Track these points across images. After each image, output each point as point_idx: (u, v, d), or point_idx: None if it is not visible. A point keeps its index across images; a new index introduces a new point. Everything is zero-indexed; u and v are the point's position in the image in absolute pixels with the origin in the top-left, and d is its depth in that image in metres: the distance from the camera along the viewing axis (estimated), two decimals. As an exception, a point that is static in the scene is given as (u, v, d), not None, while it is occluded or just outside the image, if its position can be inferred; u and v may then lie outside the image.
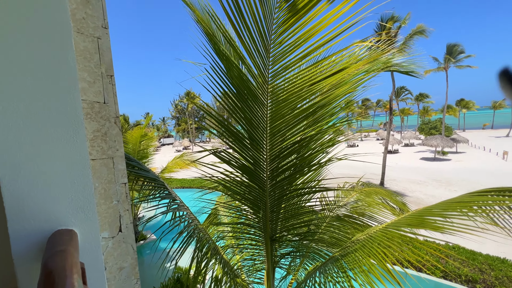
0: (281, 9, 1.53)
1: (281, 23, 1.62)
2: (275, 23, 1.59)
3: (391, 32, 13.20)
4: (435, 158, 26.43)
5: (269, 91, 1.89)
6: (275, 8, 1.52)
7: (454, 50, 28.64)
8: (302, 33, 1.66)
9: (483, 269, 5.86)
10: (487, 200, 1.62)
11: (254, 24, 1.57)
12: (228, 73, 1.86)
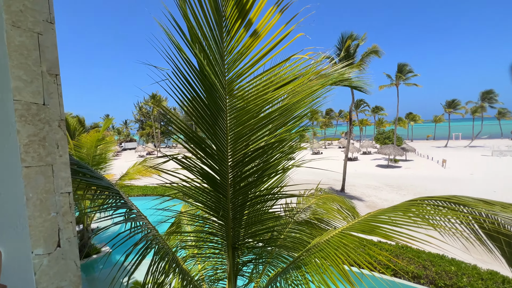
0: (227, 18, 1.59)
1: (228, 31, 1.68)
2: (224, 31, 1.65)
3: (351, 48, 14.43)
4: (388, 165, 29.05)
5: (227, 98, 1.91)
6: (222, 17, 1.57)
7: (404, 69, 32.22)
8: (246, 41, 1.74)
9: (426, 266, 6.54)
10: (423, 205, 1.84)
11: (209, 32, 1.61)
12: (191, 78, 1.84)
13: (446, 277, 6.11)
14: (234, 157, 2.16)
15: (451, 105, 47.81)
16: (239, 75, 1.89)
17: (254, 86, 1.98)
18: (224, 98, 1.90)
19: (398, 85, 33.58)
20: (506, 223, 1.66)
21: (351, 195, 17.49)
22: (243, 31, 1.67)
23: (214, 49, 1.69)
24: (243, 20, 1.61)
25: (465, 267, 6.47)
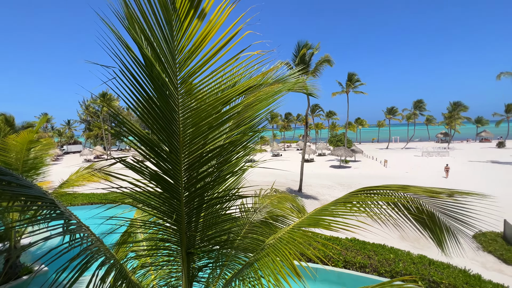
0: (177, 11, 1.58)
1: (178, 29, 1.67)
2: (175, 29, 1.63)
3: (306, 57, 15.40)
4: (340, 165, 31.56)
5: (179, 98, 1.88)
6: (171, 15, 1.56)
7: (353, 78, 35.51)
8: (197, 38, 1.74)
9: (370, 256, 7.28)
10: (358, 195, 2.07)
11: (158, 30, 1.57)
12: (140, 78, 1.76)
13: (386, 264, 6.89)
14: (189, 158, 2.12)
15: (391, 112, 54.39)
16: (192, 74, 1.86)
17: (208, 85, 1.98)
18: (176, 98, 1.86)
19: (348, 92, 36.84)
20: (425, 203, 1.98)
21: (308, 195, 18.50)
22: (194, 27, 1.65)
23: (165, 48, 1.65)
24: (194, 14, 1.59)
25: (401, 254, 7.39)
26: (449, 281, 6.16)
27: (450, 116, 50.99)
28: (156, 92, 1.77)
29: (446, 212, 1.93)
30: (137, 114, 1.91)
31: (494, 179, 21.25)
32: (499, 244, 9.12)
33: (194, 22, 1.63)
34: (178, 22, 1.59)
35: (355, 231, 1.85)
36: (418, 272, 6.53)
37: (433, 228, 1.98)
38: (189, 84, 1.85)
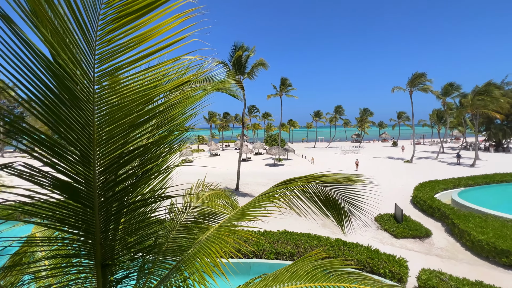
0: (110, 6, 1.43)
1: (111, 21, 1.52)
2: (102, 19, 1.47)
3: (242, 59, 15.81)
4: (274, 164, 33.65)
5: (96, 93, 1.68)
6: (101, 3, 1.40)
7: (285, 82, 38.33)
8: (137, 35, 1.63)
9: (298, 245, 8.05)
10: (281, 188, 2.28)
11: (71, 13, 1.37)
12: (37, 67, 1.47)
13: (311, 250, 7.76)
14: (105, 159, 1.90)
15: (317, 115, 61.33)
16: (118, 69, 1.68)
17: (136, 81, 1.82)
18: (91, 93, 1.64)
19: (281, 95, 39.58)
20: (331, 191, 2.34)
21: (245, 193, 19.01)
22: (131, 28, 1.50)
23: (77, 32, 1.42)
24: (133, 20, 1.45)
25: (322, 240, 8.44)
26: (357, 258, 7.40)
27: (361, 120, 61.07)
28: (60, 84, 1.52)
29: (345, 198, 2.33)
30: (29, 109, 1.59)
31: (388, 170, 26.59)
32: (392, 223, 11.49)
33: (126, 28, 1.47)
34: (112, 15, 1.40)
35: (285, 224, 2.03)
36: (335, 253, 7.61)
37: (336, 211, 2.36)
38: (112, 79, 1.66)
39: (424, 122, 61.06)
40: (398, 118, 63.64)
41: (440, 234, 11.01)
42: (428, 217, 13.05)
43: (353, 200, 2.39)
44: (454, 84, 31.65)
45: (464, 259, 9.03)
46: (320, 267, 1.97)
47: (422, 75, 29.58)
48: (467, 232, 9.59)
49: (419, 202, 14.21)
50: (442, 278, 6.49)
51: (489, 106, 27.46)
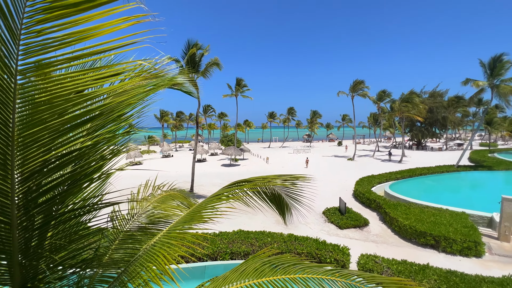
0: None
1: (42, 10, 1.33)
2: (30, 5, 1.28)
3: (196, 57, 15.37)
4: (230, 164, 33.60)
5: (18, 89, 1.45)
6: None
7: (240, 83, 38.63)
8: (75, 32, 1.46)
9: (252, 243, 8.22)
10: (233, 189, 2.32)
11: None
12: None
13: (265, 247, 8.01)
14: (28, 166, 1.64)
15: (271, 116, 63.45)
16: (49, 65, 1.48)
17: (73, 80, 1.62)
18: (11, 89, 1.40)
19: (237, 95, 39.77)
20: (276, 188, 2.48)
21: (200, 194, 18.50)
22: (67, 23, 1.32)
23: None
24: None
25: (276, 236, 8.79)
26: (307, 250, 7.93)
27: (311, 122, 65.49)
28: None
29: (288, 193, 2.50)
30: None
31: (334, 167, 29.18)
32: (337, 215, 12.65)
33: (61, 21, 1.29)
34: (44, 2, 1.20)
35: (241, 223, 2.06)
36: (287, 248, 8.01)
37: (279, 205, 2.51)
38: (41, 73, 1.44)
39: (364, 124, 69.04)
40: (342, 120, 70.33)
41: (375, 223, 12.57)
42: (366, 208, 14.78)
43: (296, 195, 2.58)
44: (386, 91, 36.49)
45: (394, 242, 10.51)
46: (268, 263, 2.07)
47: (361, 82, 33.30)
48: (395, 219, 11.18)
49: (359, 195, 15.97)
50: (376, 261, 7.43)
51: (411, 111, 32.55)
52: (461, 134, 74.75)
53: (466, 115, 49.43)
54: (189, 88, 2.55)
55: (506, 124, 47.49)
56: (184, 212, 3.44)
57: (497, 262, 8.82)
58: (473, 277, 6.63)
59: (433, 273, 6.78)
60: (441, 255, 9.31)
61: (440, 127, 48.19)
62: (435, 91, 48.87)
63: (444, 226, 10.02)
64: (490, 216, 11.45)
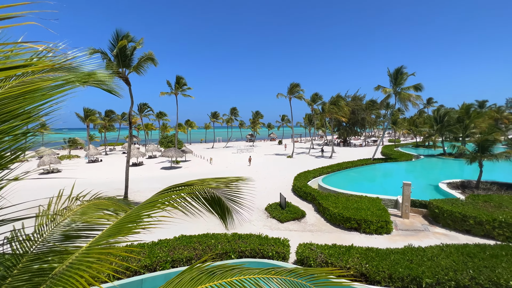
0: None
1: None
2: None
3: (127, 50, 13.83)
4: (171, 166, 31.65)
5: None
6: None
7: (181, 81, 36.78)
8: None
9: (195, 247, 7.95)
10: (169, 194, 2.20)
11: None
12: None
13: (209, 250, 7.86)
14: None
15: (214, 116, 62.57)
16: None
17: None
18: None
19: (177, 94, 37.70)
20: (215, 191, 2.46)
21: (136, 202, 16.61)
22: None
23: None
24: None
25: (220, 237, 8.72)
26: (251, 247, 8.15)
27: (253, 122, 67.43)
28: None
29: (227, 196, 2.53)
30: None
31: (275, 165, 30.86)
32: (278, 210, 13.41)
33: None
34: None
35: (183, 228, 1.94)
36: (231, 247, 8.06)
37: (219, 209, 2.52)
38: None
39: (300, 124, 75.07)
40: (281, 120, 74.79)
41: (311, 213, 13.85)
42: (304, 201, 16.13)
43: (236, 197, 2.62)
44: (318, 94, 40.54)
45: (326, 229, 11.79)
46: (205, 271, 2.04)
47: (297, 85, 36.11)
48: (327, 208, 12.57)
49: (297, 190, 17.31)
50: (312, 248, 8.20)
51: (339, 113, 37.12)
52: (376, 132, 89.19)
53: (378, 116, 59.26)
54: (111, 86, 2.20)
55: (405, 124, 59.01)
56: (112, 220, 3.07)
57: (401, 235, 10.90)
58: (384, 250, 8.02)
59: (356, 252, 7.90)
60: (362, 235, 10.93)
61: (360, 126, 56.45)
62: (356, 96, 57.01)
63: (364, 210, 11.79)
64: (396, 198, 14.06)
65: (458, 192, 15.39)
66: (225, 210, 2.58)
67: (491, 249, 7.88)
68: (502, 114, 54.69)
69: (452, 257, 7.46)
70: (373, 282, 7.03)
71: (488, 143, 15.81)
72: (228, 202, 2.58)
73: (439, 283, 6.72)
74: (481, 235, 10.53)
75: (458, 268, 6.93)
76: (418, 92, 28.71)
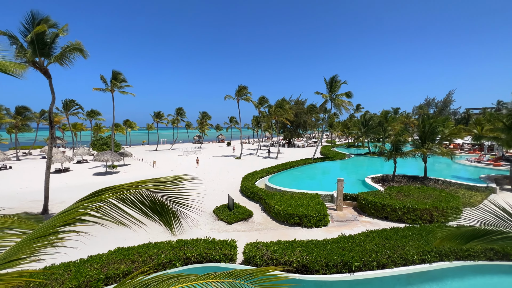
0: None
1: None
2: None
3: (47, 37, 11.68)
4: (107, 172, 28.19)
5: None
6: None
7: (118, 77, 33.14)
8: None
9: (134, 259, 7.30)
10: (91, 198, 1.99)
11: None
12: None
13: (150, 261, 7.32)
14: None
15: (158, 116, 58.46)
16: None
17: None
18: None
19: (113, 91, 33.82)
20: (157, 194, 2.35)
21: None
22: None
23: None
24: None
25: (163, 246, 8.21)
26: (197, 252, 7.93)
27: (201, 123, 65.64)
28: None
29: (172, 198, 2.44)
30: None
31: (224, 167, 30.73)
32: (226, 212, 13.39)
33: None
34: None
35: (120, 240, 1.74)
36: (176, 255, 7.68)
37: (163, 214, 2.41)
38: None
39: (248, 126, 76.59)
40: (230, 122, 74.95)
41: (258, 213, 14.28)
42: (251, 201, 16.52)
43: (182, 199, 2.53)
44: (265, 97, 42.12)
45: (272, 227, 12.34)
46: (139, 285, 1.92)
47: (245, 88, 36.77)
48: (273, 206, 13.18)
49: (245, 190, 17.62)
50: (258, 247, 8.48)
51: (284, 115, 39.33)
52: (316, 134, 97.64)
53: (318, 120, 65.15)
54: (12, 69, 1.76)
55: (340, 127, 66.48)
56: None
57: (336, 226, 12.23)
58: (322, 241, 8.88)
59: (298, 246, 8.52)
60: (304, 229, 11.84)
61: (303, 128, 60.99)
62: (299, 100, 61.42)
63: (305, 206, 12.80)
64: (332, 193, 15.71)
65: (379, 185, 18.15)
66: (170, 215, 2.47)
67: (402, 231, 9.56)
68: (409, 119, 66.81)
69: (374, 241, 8.76)
70: (312, 271, 7.70)
71: (399, 143, 19.12)
72: (174, 205, 2.48)
73: (365, 264, 7.80)
74: (396, 220, 12.66)
75: (379, 250, 8.19)
76: (349, 98, 32.75)
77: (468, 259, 8.24)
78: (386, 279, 7.66)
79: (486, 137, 21.40)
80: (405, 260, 8.01)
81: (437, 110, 79.59)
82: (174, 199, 2.63)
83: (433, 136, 18.66)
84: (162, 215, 2.65)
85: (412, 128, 55.49)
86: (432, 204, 12.39)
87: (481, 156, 33.57)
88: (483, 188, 16.78)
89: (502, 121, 19.35)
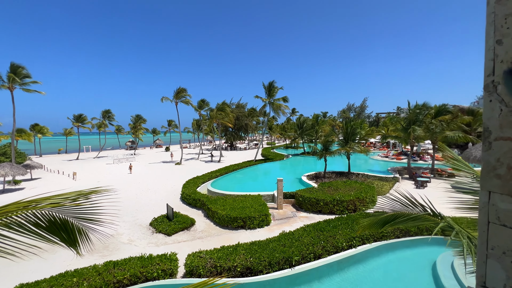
0: None
1: None
2: None
3: None
4: (4, 190, 22.47)
5: None
6: None
7: (19, 72, 26.96)
8: None
9: None
10: None
11: None
12: None
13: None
14: None
15: (79, 120, 50.12)
16: None
17: None
18: None
19: (12, 89, 27.29)
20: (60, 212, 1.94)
21: None
22: None
23: None
24: None
25: (86, 272, 6.97)
26: (130, 273, 7.04)
27: (134, 127, 59.42)
28: None
29: (78, 216, 2.06)
30: None
31: (162, 174, 28.53)
32: (165, 223, 12.40)
33: None
34: None
35: (27, 273, 1.27)
36: (104, 280, 6.65)
37: (69, 232, 2.01)
38: None
39: (189, 129, 73.36)
40: (168, 125, 70.33)
41: (201, 220, 13.74)
42: (193, 208, 15.79)
43: (92, 213, 2.16)
44: (205, 101, 41.16)
45: (216, 233, 12.05)
46: None
47: (184, 90, 35.16)
48: (216, 212, 12.90)
49: (186, 198, 16.74)
50: (200, 256, 8.12)
51: (225, 119, 39.28)
52: (257, 136, 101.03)
53: (258, 123, 67.64)
54: None
55: (278, 129, 70.62)
56: None
57: (277, 225, 12.81)
58: (265, 241, 9.15)
59: (242, 249, 8.54)
60: (248, 231, 11.98)
61: (244, 131, 62.20)
62: (240, 103, 62.47)
63: (248, 208, 12.98)
64: (273, 193, 16.43)
65: (313, 182, 19.99)
66: (75, 234, 2.05)
67: (333, 222, 10.72)
68: (336, 122, 76.28)
69: (311, 234, 9.54)
70: (257, 272, 7.83)
71: (328, 143, 21.54)
72: (80, 222, 2.07)
73: (303, 257, 8.40)
74: (328, 212, 14.13)
75: (315, 242, 8.95)
76: (286, 103, 35.14)
77: (382, 239, 9.83)
78: (321, 268, 8.43)
79: (391, 136, 26.21)
80: (336, 248, 9.00)
81: (356, 114, 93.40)
82: (80, 216, 2.25)
83: (353, 136, 21.70)
84: (67, 235, 2.22)
85: (338, 129, 63.42)
86: (355, 195, 14.34)
87: (388, 152, 40.97)
88: (390, 178, 20.45)
89: (400, 123, 24.18)
